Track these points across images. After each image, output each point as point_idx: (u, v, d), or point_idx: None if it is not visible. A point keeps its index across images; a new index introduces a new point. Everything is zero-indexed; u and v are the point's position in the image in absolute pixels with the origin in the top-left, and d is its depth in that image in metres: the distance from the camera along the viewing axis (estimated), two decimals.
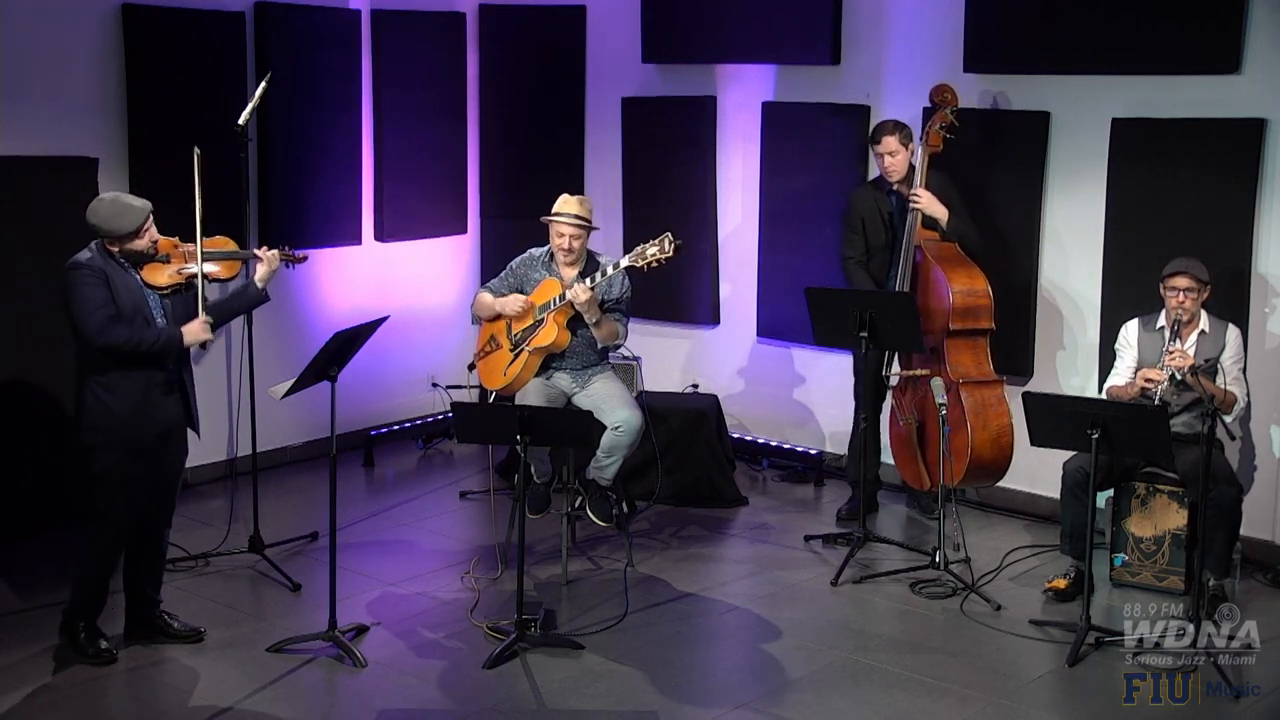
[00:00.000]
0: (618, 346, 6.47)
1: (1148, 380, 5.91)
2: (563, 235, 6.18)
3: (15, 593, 6.03)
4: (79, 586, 5.44)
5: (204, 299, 5.39)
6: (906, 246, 6.71)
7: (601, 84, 8.60)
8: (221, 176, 6.86)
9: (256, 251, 5.72)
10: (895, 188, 6.84)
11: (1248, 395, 6.15)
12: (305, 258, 6.01)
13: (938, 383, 6.32)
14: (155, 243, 5.32)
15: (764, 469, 8.03)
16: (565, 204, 6.21)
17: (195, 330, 5.34)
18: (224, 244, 5.65)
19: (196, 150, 5.48)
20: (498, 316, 6.37)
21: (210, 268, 5.49)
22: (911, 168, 6.80)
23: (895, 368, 6.93)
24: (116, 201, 5.29)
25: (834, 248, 7.18)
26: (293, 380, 5.44)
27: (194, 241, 5.43)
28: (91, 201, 5.29)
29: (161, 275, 5.35)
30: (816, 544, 6.84)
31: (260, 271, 5.65)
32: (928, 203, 6.69)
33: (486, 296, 6.41)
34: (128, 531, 5.42)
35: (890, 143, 6.76)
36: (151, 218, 5.29)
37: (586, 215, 6.22)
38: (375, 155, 8.21)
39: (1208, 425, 5.51)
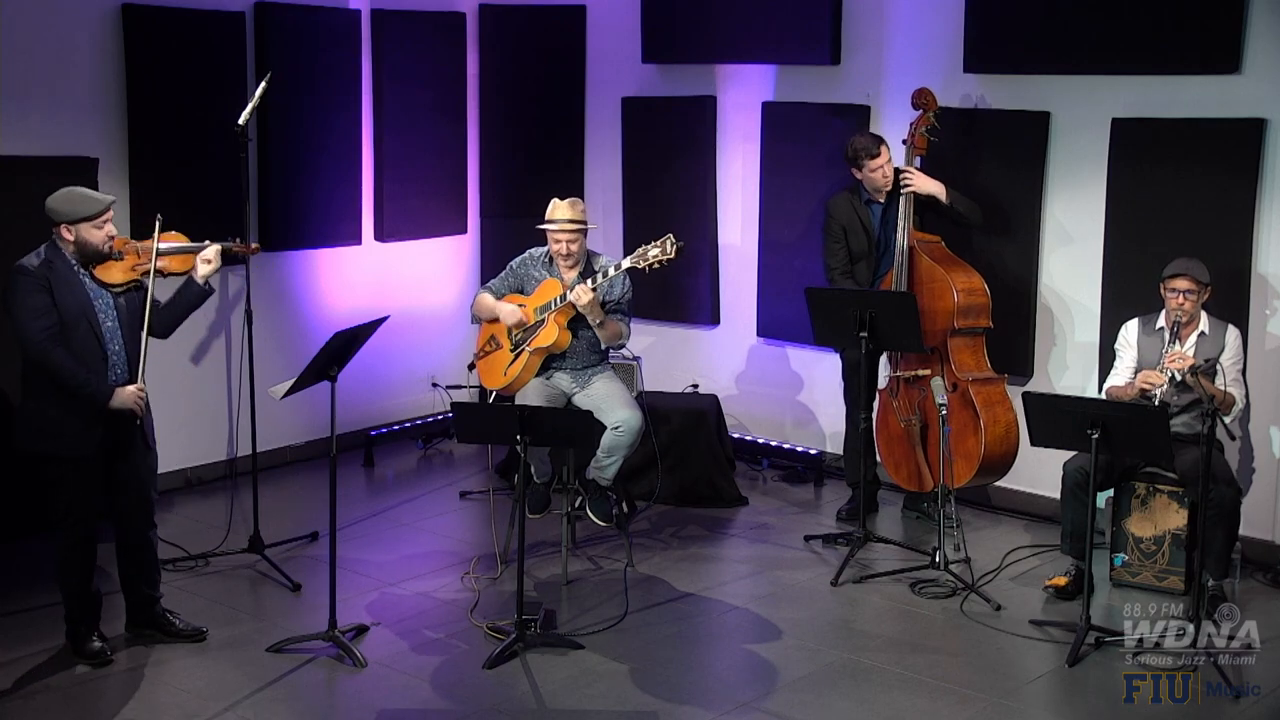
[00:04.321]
0: (621, 346, 6.47)
1: (1147, 383, 5.91)
2: (560, 242, 6.16)
3: (15, 593, 6.03)
4: (64, 595, 5.44)
5: (141, 371, 5.31)
6: (901, 245, 6.71)
7: (601, 84, 8.60)
8: (221, 176, 6.88)
9: (205, 247, 5.55)
10: (877, 197, 6.86)
11: (1247, 396, 6.15)
12: (257, 248, 5.91)
13: (938, 383, 6.33)
14: (112, 239, 5.28)
15: (764, 469, 8.03)
16: (557, 209, 6.19)
17: (126, 397, 5.25)
18: (176, 239, 5.55)
19: (159, 219, 5.40)
20: (497, 319, 6.37)
21: (163, 263, 5.41)
22: (896, 173, 6.82)
23: (884, 369, 6.96)
24: (76, 189, 5.31)
25: None
26: (293, 380, 5.44)
27: (147, 239, 5.37)
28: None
29: (115, 272, 5.31)
30: (816, 544, 6.84)
31: (201, 270, 5.51)
32: (921, 181, 6.69)
33: (487, 298, 6.40)
34: (88, 538, 5.38)
35: (886, 151, 6.79)
36: (112, 212, 5.28)
37: (580, 217, 6.20)
38: (375, 155, 8.21)
39: (1208, 425, 5.51)
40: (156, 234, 5.37)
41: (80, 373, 5.17)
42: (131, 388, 5.27)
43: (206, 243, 5.59)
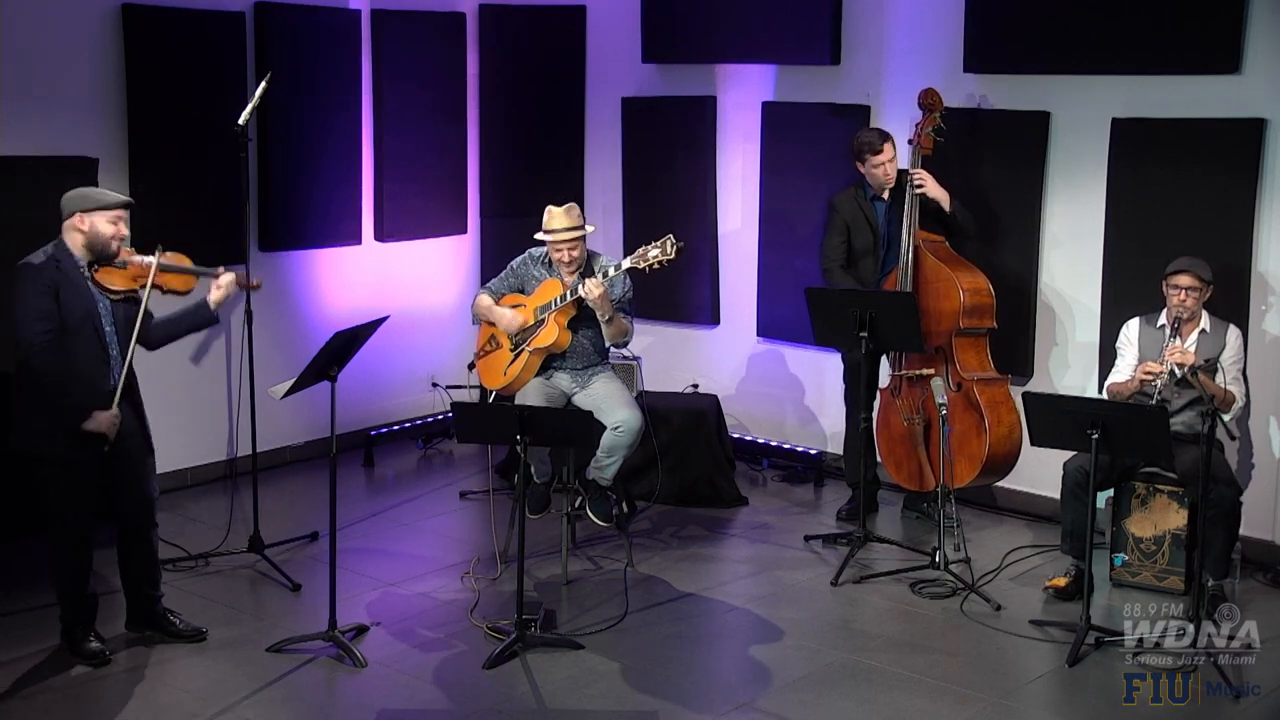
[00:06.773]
0: (626, 343, 6.44)
1: (1147, 372, 5.92)
2: (561, 250, 6.14)
3: (15, 593, 6.03)
4: (58, 595, 5.43)
5: (123, 385, 5.22)
6: (907, 242, 6.70)
7: (601, 84, 8.60)
8: (221, 176, 6.88)
9: (216, 277, 5.54)
10: (881, 194, 6.86)
11: (1246, 395, 6.16)
12: (259, 285, 6.00)
13: (938, 383, 6.33)
14: (124, 239, 5.27)
15: (764, 469, 8.03)
16: (554, 218, 6.12)
17: (100, 422, 5.17)
18: (181, 260, 5.51)
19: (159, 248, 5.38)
20: (494, 322, 6.35)
21: (163, 280, 5.38)
22: (902, 174, 6.82)
23: (887, 369, 6.96)
24: (94, 188, 5.34)
25: None
26: (293, 380, 5.44)
27: (148, 253, 5.35)
28: None
29: (116, 279, 5.29)
30: (816, 544, 6.84)
31: (214, 295, 5.52)
32: (931, 185, 6.69)
33: (486, 300, 6.38)
34: (81, 541, 5.35)
35: (890, 148, 6.78)
36: (127, 214, 5.28)
37: (578, 223, 6.14)
38: (375, 155, 8.21)
39: (1207, 425, 5.51)
40: (158, 253, 5.34)
41: (62, 389, 5.11)
42: (107, 414, 5.19)
43: (220, 269, 5.56)
